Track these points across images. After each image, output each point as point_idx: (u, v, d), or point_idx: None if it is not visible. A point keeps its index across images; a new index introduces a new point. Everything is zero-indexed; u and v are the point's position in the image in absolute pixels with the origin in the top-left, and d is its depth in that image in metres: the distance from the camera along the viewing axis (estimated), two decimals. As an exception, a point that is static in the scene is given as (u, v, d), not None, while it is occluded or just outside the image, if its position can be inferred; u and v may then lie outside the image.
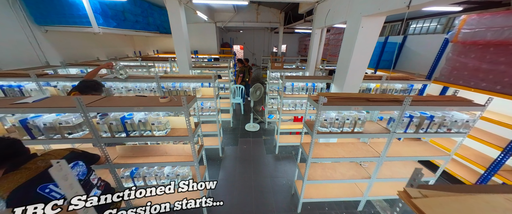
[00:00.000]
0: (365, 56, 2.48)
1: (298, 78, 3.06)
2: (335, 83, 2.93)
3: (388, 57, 4.53)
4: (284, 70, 4.13)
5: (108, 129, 1.68)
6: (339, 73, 2.78)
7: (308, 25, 6.24)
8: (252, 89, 4.17)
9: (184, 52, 3.84)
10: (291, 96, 3.21)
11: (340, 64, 2.76)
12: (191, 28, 7.87)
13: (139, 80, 2.77)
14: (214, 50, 8.20)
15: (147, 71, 3.91)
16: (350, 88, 2.70)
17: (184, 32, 3.68)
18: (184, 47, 3.79)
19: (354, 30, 2.40)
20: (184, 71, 4.03)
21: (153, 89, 2.87)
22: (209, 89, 3.04)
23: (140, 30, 5.23)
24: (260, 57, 10.74)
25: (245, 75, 6.10)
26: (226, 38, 10.36)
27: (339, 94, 1.93)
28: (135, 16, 4.99)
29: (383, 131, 1.98)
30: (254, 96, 4.28)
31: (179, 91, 2.90)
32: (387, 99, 1.87)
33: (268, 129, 4.76)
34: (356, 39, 2.36)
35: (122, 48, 6.11)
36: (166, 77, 2.81)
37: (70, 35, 4.11)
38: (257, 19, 7.97)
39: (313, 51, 4.07)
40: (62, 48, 4.00)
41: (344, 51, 2.64)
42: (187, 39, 3.83)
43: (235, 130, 4.65)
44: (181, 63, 3.96)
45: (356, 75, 2.61)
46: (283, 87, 3.09)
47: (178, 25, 3.57)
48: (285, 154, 3.69)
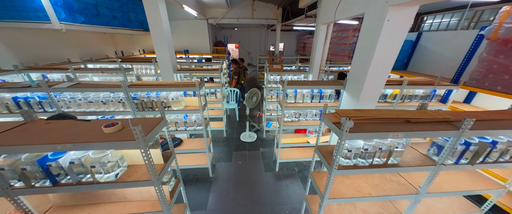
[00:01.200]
0: (390, 57, 1.95)
1: (302, 84, 2.50)
2: (349, 90, 2.40)
3: (400, 56, 4.02)
4: (284, 72, 3.57)
5: (20, 176, 1.09)
6: (354, 78, 2.25)
7: (308, 21, 5.69)
8: (248, 94, 3.61)
9: (166, 53, 3.23)
10: (294, 106, 2.66)
11: (355, 67, 2.23)
12: (180, 25, 7.26)
13: (102, 89, 2.17)
14: (206, 49, 7.57)
15: (124, 75, 3.30)
16: (369, 97, 2.17)
17: (165, 29, 3.07)
18: (165, 47, 3.18)
19: (376, 24, 1.85)
20: (167, 75, 3.43)
21: (122, 100, 2.27)
22: (194, 99, 2.46)
23: (118, 27, 4.57)
24: (257, 56, 10.16)
25: (240, 77, 5.53)
26: (220, 36, 9.73)
27: (366, 112, 1.38)
28: (111, 11, 4.33)
29: (426, 162, 1.45)
30: (250, 102, 3.72)
31: (155, 102, 2.31)
32: (434, 119, 1.34)
33: (266, 138, 4.21)
34: (379, 36, 1.82)
35: (100, 48, 5.42)
36: (136, 85, 2.21)
37: (29, 33, 3.44)
38: (253, 16, 7.37)
39: (317, 50, 3.52)
40: (18, 48, 3.33)
41: (361, 51, 2.10)
42: (169, 37, 3.22)
43: (229, 141, 4.08)
44: (163, 66, 3.36)
45: (377, 81, 2.08)
46: (284, 94, 2.54)
47: (156, 21, 2.96)
48: (287, 172, 3.15)
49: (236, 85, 5.63)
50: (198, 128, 2.58)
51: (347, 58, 5.57)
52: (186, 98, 2.50)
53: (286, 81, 2.41)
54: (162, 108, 1.45)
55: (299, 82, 2.64)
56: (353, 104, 2.29)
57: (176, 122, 2.47)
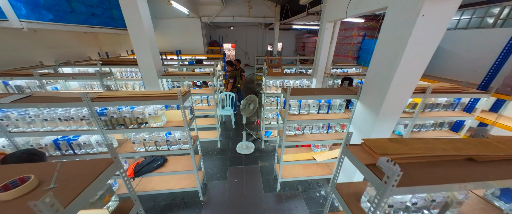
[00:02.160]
0: (422, 60, 1.55)
1: (309, 94, 2.09)
2: (364, 101, 1.99)
3: None
4: (285, 77, 3.15)
5: None
6: (372, 85, 1.85)
7: (310, 19, 5.28)
8: (244, 102, 3.18)
9: (147, 55, 2.78)
10: (298, 118, 2.25)
11: (373, 73, 1.82)
12: (171, 24, 6.75)
13: (58, 104, 1.71)
14: (200, 50, 7.11)
15: (100, 81, 2.83)
16: (392, 109, 1.77)
17: (145, 28, 2.62)
18: (147, 48, 2.73)
19: (406, 20, 1.45)
20: (150, 81, 2.97)
21: (85, 117, 1.81)
22: (178, 112, 2.02)
23: (99, 26, 4.08)
24: (254, 56, 9.72)
25: (236, 80, 5.10)
26: (215, 35, 9.25)
27: (408, 144, 0.97)
28: (89, 8, 3.84)
29: (490, 212, 1.05)
30: (247, 111, 3.29)
31: (129, 118, 1.87)
32: (508, 156, 0.93)
33: (265, 150, 3.79)
34: (410, 35, 1.42)
35: (81, 49, 4.91)
36: (102, 98, 1.76)
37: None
38: (249, 14, 6.93)
39: (322, 52, 3.11)
40: (-27, 50, 2.83)
41: (383, 54, 1.69)
42: (151, 37, 2.77)
43: (224, 153, 3.65)
44: (146, 70, 2.90)
45: (403, 90, 1.68)
46: (287, 105, 2.12)
47: (134, 17, 2.51)
48: (290, 192, 2.75)
49: (232, 88, 5.21)
50: (184, 147, 2.14)
51: (351, 59, 5.18)
52: (169, 111, 2.05)
53: (289, 90, 1.99)
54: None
55: (304, 90, 2.22)
56: (370, 117, 1.88)
57: (156, 141, 2.03)
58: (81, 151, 1.97)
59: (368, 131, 1.95)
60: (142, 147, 2.05)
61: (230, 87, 5.10)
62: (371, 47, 4.44)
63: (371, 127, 1.89)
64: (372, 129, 1.89)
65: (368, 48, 4.59)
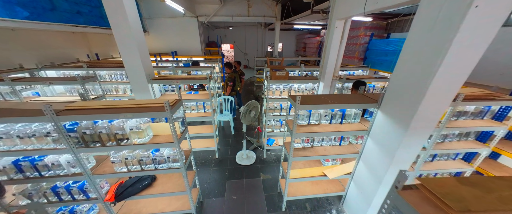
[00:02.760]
0: (469, 62, 1.25)
1: (321, 102, 1.77)
2: (387, 111, 1.68)
3: None
4: (290, 80, 2.84)
5: None
6: (399, 94, 1.54)
7: (313, 18, 4.98)
8: (245, 108, 2.86)
9: (135, 58, 2.46)
10: (308, 131, 1.93)
11: (401, 79, 1.52)
12: (166, 24, 6.40)
13: (14, 118, 1.38)
14: (197, 51, 6.78)
15: (82, 86, 2.50)
16: (426, 122, 1.46)
17: (132, 26, 2.29)
18: (134, 50, 2.41)
19: (452, 13, 1.14)
20: (139, 86, 2.65)
21: (50, 133, 1.48)
22: (165, 125, 1.69)
23: (85, 26, 3.75)
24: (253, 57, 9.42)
25: (235, 83, 4.77)
26: (213, 36, 8.94)
27: (498, 198, 0.66)
28: (73, 5, 3.51)
29: None
30: (248, 118, 2.97)
31: (106, 134, 1.54)
32: None
33: (267, 160, 3.47)
34: (457, 31, 1.12)
35: (68, 50, 4.56)
36: (72, 110, 1.43)
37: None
38: (249, 13, 6.62)
39: (330, 53, 2.80)
40: None
41: (416, 56, 1.39)
42: (140, 38, 2.45)
43: (222, 164, 3.32)
44: (133, 74, 2.58)
45: (443, 99, 1.38)
46: (295, 115, 1.80)
47: (119, 14, 2.19)
48: (297, 212, 2.42)
49: (231, 92, 4.89)
50: (175, 165, 1.81)
51: (357, 60, 4.88)
52: (155, 124, 1.72)
53: (299, 99, 1.67)
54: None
55: (316, 98, 1.90)
56: (397, 131, 1.57)
57: (140, 159, 1.70)
58: (49, 172, 1.64)
59: (392, 146, 1.64)
60: (124, 167, 1.71)
61: (229, 91, 4.78)
62: (380, 47, 4.16)
63: (398, 143, 1.58)
64: (398, 145, 1.57)
65: (376, 49, 4.30)
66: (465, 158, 2.58)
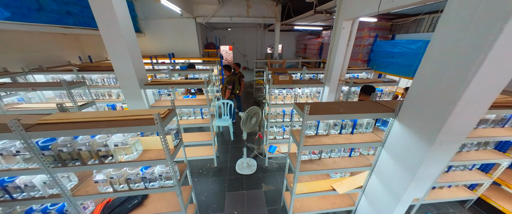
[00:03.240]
0: None
1: (332, 111, 1.58)
2: (407, 121, 1.50)
3: None
4: (294, 84, 2.65)
5: None
6: (423, 102, 1.35)
7: (315, 18, 4.82)
8: (245, 115, 2.66)
9: (125, 61, 2.26)
10: (317, 143, 1.74)
11: (425, 85, 1.33)
12: (163, 25, 6.18)
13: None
14: (195, 52, 6.59)
15: (68, 93, 2.29)
16: (457, 134, 1.28)
17: (122, 26, 2.10)
18: (125, 53, 2.21)
19: (495, 9, 0.97)
20: (131, 92, 2.45)
21: (19, 152, 1.27)
22: (156, 139, 1.49)
23: (76, 27, 3.54)
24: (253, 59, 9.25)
25: (234, 86, 4.58)
26: (211, 37, 8.76)
27: None
28: (63, 5, 3.31)
29: None
30: (248, 125, 2.77)
31: (87, 151, 1.33)
32: None
33: (269, 168, 3.27)
34: (500, 32, 0.94)
35: (59, 52, 4.35)
36: (46, 123, 1.23)
37: None
38: (248, 14, 6.45)
39: (337, 55, 2.62)
40: None
41: (445, 59, 1.20)
42: (130, 38, 2.25)
43: (221, 174, 3.12)
44: (124, 80, 2.38)
45: (477, 109, 1.19)
46: (303, 127, 1.61)
47: (106, 12, 1.99)
48: (303, 229, 2.22)
49: (230, 95, 4.69)
50: (168, 183, 1.61)
51: (361, 62, 4.72)
52: (145, 138, 1.52)
53: (307, 109, 1.48)
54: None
55: (325, 106, 1.71)
56: (419, 145, 1.39)
57: (128, 178, 1.50)
58: (22, 195, 1.43)
59: (413, 162, 1.45)
60: (109, 187, 1.51)
61: (228, 94, 4.58)
62: (385, 49, 3.99)
63: (420, 159, 1.39)
64: (421, 161, 1.39)
65: (381, 51, 4.14)
66: (482, 168, 2.41)
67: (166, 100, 2.96)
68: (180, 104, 2.72)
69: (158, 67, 4.97)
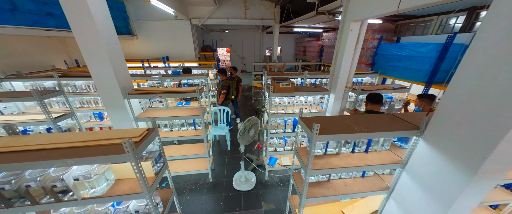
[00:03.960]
0: None
1: (347, 131, 1.31)
2: (437, 141, 1.24)
3: (445, 65, 2.97)
4: (297, 93, 2.39)
5: None
6: (461, 119, 1.09)
7: (316, 20, 4.60)
8: (243, 127, 2.39)
9: (104, 67, 1.98)
10: (326, 164, 1.48)
11: (465, 98, 1.07)
12: (157, 27, 5.86)
13: None
14: (191, 55, 6.32)
15: (40, 105, 2.00)
16: (507, 162, 1.02)
17: (100, 27, 1.83)
18: (103, 57, 1.93)
19: None
20: (111, 102, 2.16)
21: None
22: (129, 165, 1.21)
23: (57, 29, 3.25)
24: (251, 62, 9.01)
25: (229, 91, 4.30)
26: (208, 40, 8.51)
27: None
28: (42, 5, 3.02)
29: None
30: (246, 137, 2.50)
31: (40, 188, 1.04)
32: None
33: (269, 182, 2.99)
34: None
35: (42, 57, 4.05)
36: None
37: None
38: (246, 15, 6.22)
39: (343, 60, 2.37)
40: None
41: (492, 63, 0.95)
42: (111, 41, 1.98)
43: (217, 190, 2.83)
44: (103, 88, 2.09)
45: None
46: (310, 147, 1.34)
47: (80, 12, 1.71)
48: (309, 259, 1.93)
49: (224, 100, 4.41)
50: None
51: (364, 66, 4.49)
52: (118, 165, 1.23)
53: (317, 128, 1.21)
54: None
55: (337, 123, 1.44)
56: (455, 174, 1.13)
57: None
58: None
59: (448, 193, 1.19)
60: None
61: (222, 99, 4.30)
62: (391, 52, 3.77)
63: (458, 190, 1.13)
64: (459, 193, 1.12)
65: (386, 54, 3.91)
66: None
67: (156, 110, 2.67)
68: (169, 115, 2.43)
69: (150, 71, 4.68)
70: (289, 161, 3.12)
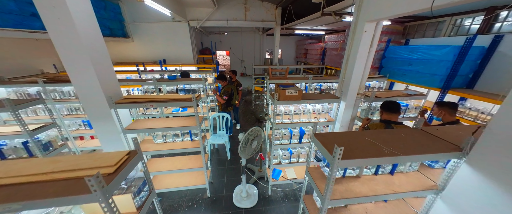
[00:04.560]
0: None
1: (374, 154, 1.07)
2: (490, 167, 0.99)
3: (463, 69, 2.75)
4: (306, 100, 2.14)
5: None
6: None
7: (320, 22, 4.39)
8: (244, 138, 2.13)
9: (87, 73, 1.73)
10: (345, 191, 1.23)
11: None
12: (153, 29, 5.53)
13: None
14: (189, 59, 6.09)
15: (15, 116, 1.75)
16: None
17: (80, 29, 1.59)
18: (86, 61, 1.69)
19: None
20: (96, 112, 1.91)
21: None
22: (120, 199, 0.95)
23: (43, 31, 3.00)
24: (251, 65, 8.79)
25: (232, 96, 4.06)
26: (207, 42, 8.30)
27: None
28: (25, 5, 2.79)
29: None
30: (248, 151, 2.24)
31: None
32: None
33: (273, 197, 2.73)
34: None
35: (30, 61, 3.81)
36: None
37: None
38: (246, 17, 6.02)
39: (356, 65, 2.14)
40: None
41: None
42: (94, 45, 1.73)
43: (215, 208, 2.56)
44: (86, 97, 1.84)
45: None
46: (331, 176, 1.09)
47: (56, 8, 1.48)
48: None
49: (228, 108, 4.17)
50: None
51: (371, 69, 4.25)
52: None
53: (339, 153, 0.96)
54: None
55: (359, 141, 1.20)
56: None
57: None
58: None
59: (504, 233, 0.94)
60: None
61: (222, 106, 4.06)
62: (401, 55, 3.55)
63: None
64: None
65: (395, 57, 3.69)
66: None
67: (147, 120, 2.41)
68: (162, 125, 2.18)
69: (146, 75, 4.44)
70: (294, 174, 2.86)
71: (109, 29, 4.73)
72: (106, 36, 4.58)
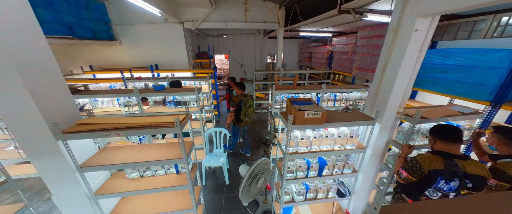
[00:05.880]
0: None
1: None
2: None
3: (489, 80, 2.21)
4: (329, 123, 1.57)
5: None
6: None
7: (332, 22, 3.85)
8: (247, 174, 1.54)
9: (15, 90, 1.14)
10: None
11: None
12: (144, 31, 4.77)
13: None
14: (183, 63, 5.53)
15: None
16: None
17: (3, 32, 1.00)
18: (10, 73, 1.10)
19: None
20: (35, 146, 1.32)
21: None
22: None
23: None
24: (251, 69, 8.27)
25: (241, 110, 3.40)
26: (204, 46, 7.76)
27: None
28: None
29: None
30: (253, 191, 1.65)
31: None
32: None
33: (284, 245, 2.11)
34: None
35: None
36: None
37: None
38: (246, 18, 5.50)
39: (399, 74, 1.57)
40: None
41: None
42: (27, 46, 1.15)
43: (209, 262, 1.94)
44: (16, 126, 1.25)
45: None
46: None
47: None
48: None
49: (236, 123, 3.54)
50: None
51: (391, 76, 3.68)
52: None
53: None
54: None
55: None
56: None
57: None
58: None
59: None
60: None
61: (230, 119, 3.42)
62: (432, 61, 3.00)
63: None
64: None
65: (425, 63, 3.10)
66: None
67: (119, 150, 1.82)
68: (137, 160, 1.60)
69: (133, 83, 3.86)
70: (310, 213, 2.26)
71: (92, 31, 4.18)
72: (88, 39, 4.02)
